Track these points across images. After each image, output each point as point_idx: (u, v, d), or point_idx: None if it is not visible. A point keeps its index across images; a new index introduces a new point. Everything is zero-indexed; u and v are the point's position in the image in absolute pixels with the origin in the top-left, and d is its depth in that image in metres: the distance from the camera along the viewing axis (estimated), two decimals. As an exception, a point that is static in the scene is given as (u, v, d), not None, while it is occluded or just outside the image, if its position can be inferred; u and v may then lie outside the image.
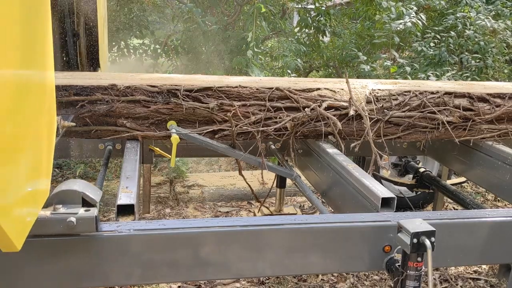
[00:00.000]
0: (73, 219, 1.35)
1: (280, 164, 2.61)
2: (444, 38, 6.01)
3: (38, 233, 1.33)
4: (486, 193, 4.88)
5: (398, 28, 5.65)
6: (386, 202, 1.74)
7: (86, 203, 1.42)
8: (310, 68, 8.25)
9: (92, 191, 1.44)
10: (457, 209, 4.21)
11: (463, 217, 1.76)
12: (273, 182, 3.18)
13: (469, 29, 5.90)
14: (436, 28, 6.24)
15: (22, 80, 1.18)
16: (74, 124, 1.99)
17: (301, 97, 2.25)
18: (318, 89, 2.32)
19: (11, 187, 1.08)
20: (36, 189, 1.29)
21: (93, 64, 3.10)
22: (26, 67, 1.19)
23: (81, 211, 1.38)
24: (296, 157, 2.46)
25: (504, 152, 2.39)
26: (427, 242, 1.48)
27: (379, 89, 2.39)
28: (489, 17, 5.87)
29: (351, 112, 2.25)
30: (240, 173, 2.60)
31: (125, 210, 1.58)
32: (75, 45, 2.96)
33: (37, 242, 1.37)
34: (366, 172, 2.01)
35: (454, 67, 5.89)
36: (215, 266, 1.54)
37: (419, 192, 3.78)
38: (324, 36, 7.27)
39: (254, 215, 3.65)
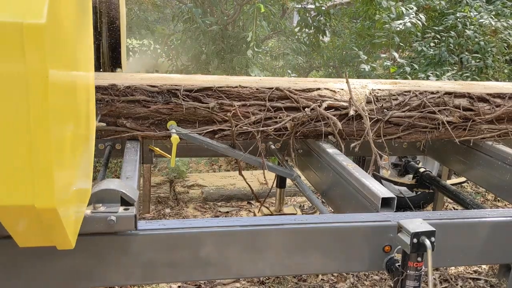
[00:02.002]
0: (113, 217, 1.38)
1: (280, 164, 2.61)
2: (444, 38, 6.01)
3: (79, 232, 1.35)
4: (486, 193, 4.88)
5: (398, 28, 5.64)
6: (386, 202, 1.74)
7: (124, 202, 1.44)
8: (310, 68, 8.25)
9: (130, 190, 1.46)
10: (457, 209, 4.21)
11: (463, 217, 1.76)
12: (273, 182, 3.18)
13: (469, 29, 5.89)
14: (436, 28, 6.24)
15: (78, 82, 1.22)
16: (104, 124, 2.00)
17: (301, 97, 2.25)
18: (318, 89, 2.32)
19: (71, 186, 1.10)
20: (84, 188, 1.32)
21: (115, 64, 3.06)
22: (80, 69, 1.24)
23: (121, 209, 1.41)
24: (296, 157, 2.46)
25: (504, 152, 2.39)
26: (427, 242, 1.48)
27: (379, 89, 2.39)
28: (492, 16, 5.86)
29: (351, 112, 2.25)
30: (240, 173, 2.60)
31: (125, 210, 1.58)
32: (97, 45, 2.92)
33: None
34: (366, 172, 2.02)
35: (454, 67, 5.88)
36: (215, 266, 1.54)
37: (419, 192, 3.78)
38: (324, 36, 7.27)
39: (254, 215, 3.65)
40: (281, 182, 3.19)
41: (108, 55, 2.93)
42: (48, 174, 0.94)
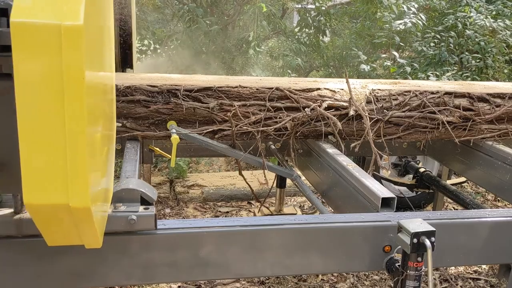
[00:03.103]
0: (134, 217, 1.40)
1: (280, 164, 2.61)
2: (444, 38, 6.01)
3: None
4: (486, 193, 4.88)
5: (398, 28, 5.64)
6: (386, 202, 1.74)
7: (143, 201, 1.46)
8: (310, 68, 8.25)
9: (149, 190, 1.48)
10: (457, 209, 4.21)
11: (463, 217, 1.76)
12: (273, 182, 3.18)
13: (469, 29, 5.89)
14: (436, 28, 6.24)
15: (105, 83, 1.25)
16: (120, 124, 2.00)
17: (301, 97, 2.25)
18: (318, 89, 2.32)
19: (100, 186, 1.12)
20: (108, 187, 1.34)
21: (125, 64, 3.05)
22: (106, 70, 1.27)
23: (141, 209, 1.43)
24: (296, 157, 2.46)
25: (504, 152, 2.39)
26: (427, 242, 1.48)
27: (379, 89, 2.39)
28: (489, 17, 5.86)
29: (351, 112, 2.25)
30: (240, 173, 2.59)
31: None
32: None
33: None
34: (366, 172, 2.01)
35: (454, 67, 5.88)
36: (215, 266, 1.54)
37: (419, 192, 3.78)
38: (324, 36, 7.27)
39: (254, 215, 3.65)
40: (281, 182, 3.19)
41: (120, 56, 2.93)
42: (83, 174, 0.95)
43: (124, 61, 2.97)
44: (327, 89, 2.33)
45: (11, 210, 1.39)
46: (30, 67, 0.89)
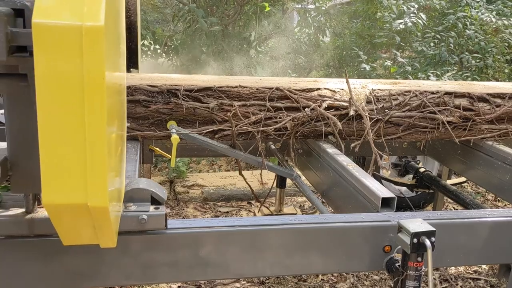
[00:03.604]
0: (145, 216, 1.40)
1: (280, 164, 2.61)
2: (444, 38, 6.01)
3: None
4: (486, 193, 4.88)
5: (399, 28, 5.65)
6: (386, 202, 1.74)
7: (153, 201, 1.46)
8: (310, 68, 8.25)
9: (159, 190, 1.49)
10: (457, 209, 4.21)
11: (463, 217, 1.76)
12: (273, 182, 3.18)
13: (470, 29, 5.90)
14: (436, 28, 6.24)
15: (119, 83, 1.26)
16: (128, 124, 2.01)
17: (301, 97, 2.25)
18: (318, 89, 2.32)
19: (115, 185, 1.13)
20: (121, 187, 1.35)
21: (131, 65, 3.06)
22: (120, 70, 1.29)
23: (151, 208, 1.43)
24: (296, 157, 2.46)
25: (504, 152, 2.39)
26: (427, 242, 1.48)
27: (379, 89, 2.39)
28: (492, 14, 5.87)
29: (351, 112, 2.25)
30: (240, 173, 2.59)
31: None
32: None
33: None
34: (366, 172, 2.01)
35: (454, 67, 5.88)
36: (215, 266, 1.54)
37: (419, 192, 3.78)
38: (324, 36, 7.27)
39: (254, 215, 3.65)
40: (281, 182, 3.19)
41: (127, 56, 2.94)
42: (102, 174, 0.96)
43: (129, 61, 2.98)
44: (327, 89, 2.33)
45: (23, 209, 1.40)
46: (50, 68, 0.90)
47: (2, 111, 1.80)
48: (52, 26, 0.87)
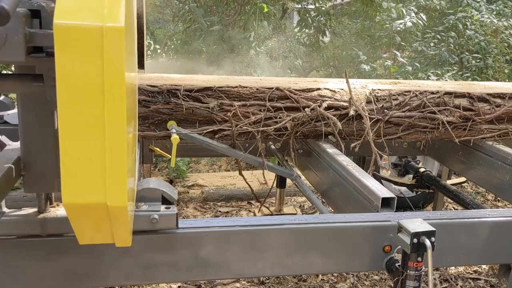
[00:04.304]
0: (156, 216, 1.42)
1: (280, 164, 2.61)
2: (444, 38, 6.01)
3: None
4: (486, 193, 4.88)
5: (399, 28, 5.65)
6: (386, 202, 1.74)
7: (164, 200, 1.47)
8: (310, 68, 8.25)
9: (170, 189, 1.50)
10: (457, 209, 4.21)
11: (463, 217, 1.76)
12: (273, 182, 3.18)
13: (470, 29, 5.90)
14: (436, 28, 6.24)
15: (134, 83, 1.28)
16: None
17: (301, 97, 2.25)
18: (318, 89, 2.32)
19: (130, 185, 1.13)
20: (134, 187, 1.36)
21: (137, 65, 3.05)
22: (134, 71, 1.30)
23: (162, 208, 1.45)
24: (296, 157, 2.46)
25: (504, 152, 2.39)
26: (427, 242, 1.48)
27: (379, 89, 2.39)
28: (493, 15, 5.87)
29: (351, 112, 2.25)
30: (240, 173, 2.59)
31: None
32: None
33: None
34: (366, 172, 2.01)
35: (454, 67, 5.88)
36: (215, 266, 1.54)
37: (419, 192, 3.78)
38: (324, 36, 7.27)
39: (254, 215, 3.65)
40: (281, 182, 3.19)
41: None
42: (121, 174, 0.97)
43: (139, 61, 3.00)
44: (327, 89, 2.33)
45: (35, 209, 1.41)
46: (71, 68, 0.90)
47: (11, 111, 1.81)
48: (73, 27, 0.88)
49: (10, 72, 1.29)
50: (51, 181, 1.35)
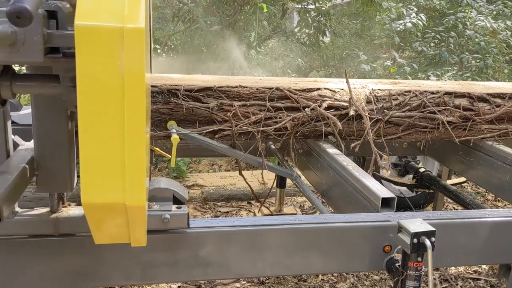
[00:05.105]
0: (167, 215, 1.43)
1: (280, 164, 2.61)
2: (444, 38, 6.01)
3: None
4: (486, 193, 4.88)
5: (399, 29, 5.65)
6: (386, 202, 1.74)
7: (175, 200, 1.49)
8: (310, 68, 8.25)
9: (181, 189, 1.51)
10: (457, 209, 4.21)
11: (463, 217, 1.76)
12: (273, 182, 3.17)
13: (470, 29, 5.90)
14: (436, 28, 6.24)
15: (148, 84, 1.30)
16: None
17: (301, 97, 2.25)
18: (318, 89, 2.32)
19: (147, 185, 1.15)
20: (148, 187, 1.37)
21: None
22: (149, 71, 1.28)
23: (174, 208, 1.46)
24: (296, 157, 2.46)
25: (504, 152, 2.39)
26: (427, 242, 1.48)
27: (379, 89, 2.39)
28: (489, 18, 5.87)
29: (351, 112, 2.25)
30: (240, 173, 2.59)
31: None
32: None
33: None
34: (366, 172, 2.01)
35: (454, 67, 5.88)
36: (215, 266, 1.55)
37: (419, 192, 3.78)
38: (324, 36, 7.27)
39: (254, 215, 3.65)
40: (281, 182, 3.18)
41: None
42: (140, 174, 0.98)
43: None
44: (327, 89, 2.33)
45: (47, 209, 1.42)
46: (92, 68, 0.91)
47: (24, 111, 1.82)
48: (94, 28, 0.89)
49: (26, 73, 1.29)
50: (64, 181, 1.36)
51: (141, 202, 1.00)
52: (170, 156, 2.15)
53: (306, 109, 2.22)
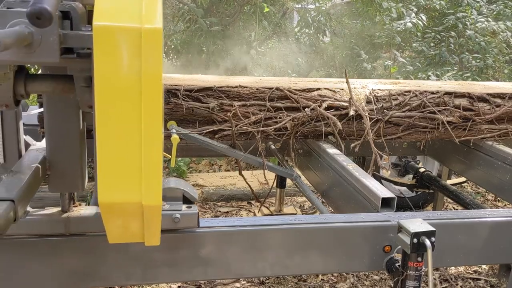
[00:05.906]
0: (178, 215, 1.43)
1: (280, 164, 2.61)
2: (444, 38, 6.01)
3: None
4: (486, 193, 4.88)
5: (399, 29, 5.65)
6: (386, 202, 1.74)
7: (185, 200, 1.48)
8: (310, 68, 8.25)
9: (190, 189, 1.51)
10: (457, 209, 4.21)
11: (463, 217, 1.76)
12: (273, 182, 3.17)
13: (470, 29, 5.90)
14: (436, 28, 6.24)
15: (163, 84, 1.28)
16: None
17: (301, 97, 2.25)
18: (318, 89, 2.32)
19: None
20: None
21: None
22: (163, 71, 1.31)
23: (184, 207, 1.46)
24: (296, 157, 2.46)
25: (504, 152, 2.39)
26: (427, 242, 1.48)
27: (379, 89, 2.39)
28: (489, 19, 5.87)
29: (351, 112, 2.25)
30: (240, 173, 2.59)
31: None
32: None
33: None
34: (366, 172, 2.01)
35: (455, 67, 5.88)
36: (215, 266, 1.55)
37: (419, 192, 3.78)
38: (324, 36, 7.27)
39: (254, 215, 3.65)
40: (281, 182, 3.18)
41: None
42: (157, 174, 0.98)
43: None
44: (327, 89, 2.33)
45: (59, 208, 1.42)
46: (110, 68, 0.92)
47: (30, 112, 1.82)
48: (113, 28, 0.90)
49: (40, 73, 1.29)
50: (75, 181, 1.37)
51: (158, 201, 1.00)
52: (170, 156, 2.15)
53: (306, 109, 2.21)
